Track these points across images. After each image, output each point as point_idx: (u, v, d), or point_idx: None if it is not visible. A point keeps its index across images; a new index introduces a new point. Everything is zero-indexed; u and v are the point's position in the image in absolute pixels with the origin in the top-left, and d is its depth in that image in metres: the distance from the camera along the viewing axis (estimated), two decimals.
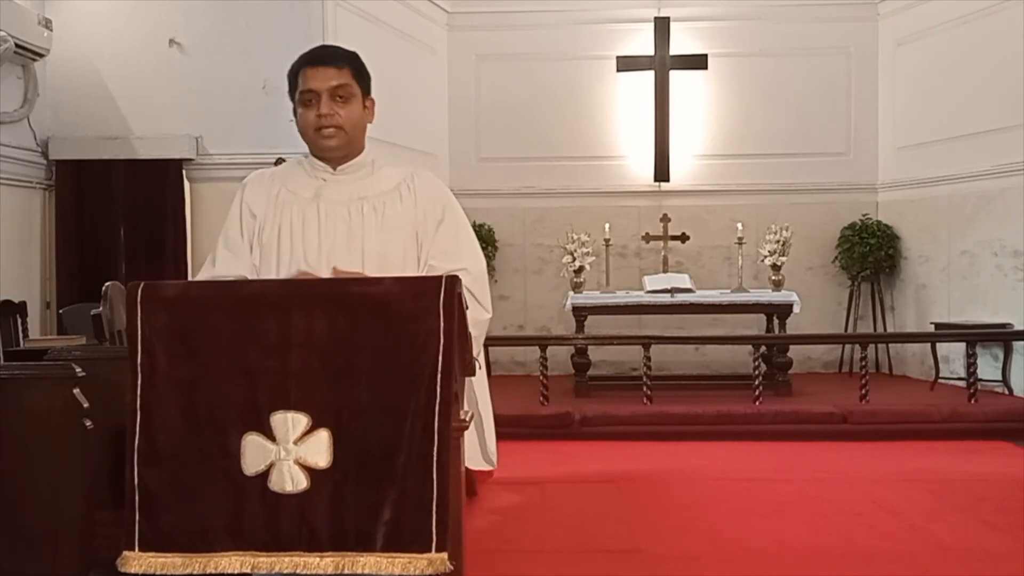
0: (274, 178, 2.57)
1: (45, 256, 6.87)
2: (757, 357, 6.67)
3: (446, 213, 2.57)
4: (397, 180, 2.54)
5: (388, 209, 2.49)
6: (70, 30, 6.81)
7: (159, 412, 2.02)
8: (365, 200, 2.48)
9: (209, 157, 6.91)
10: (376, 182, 2.53)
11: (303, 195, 2.49)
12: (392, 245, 2.46)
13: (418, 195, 2.53)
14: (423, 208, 2.52)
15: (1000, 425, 6.16)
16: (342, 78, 2.45)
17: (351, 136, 2.49)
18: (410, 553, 1.94)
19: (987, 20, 7.44)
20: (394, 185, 2.53)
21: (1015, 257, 7.21)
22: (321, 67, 2.44)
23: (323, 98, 2.43)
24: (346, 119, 2.46)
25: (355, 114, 2.48)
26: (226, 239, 2.54)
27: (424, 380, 1.99)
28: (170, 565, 1.98)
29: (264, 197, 2.52)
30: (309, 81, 2.44)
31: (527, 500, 4.51)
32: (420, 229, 2.51)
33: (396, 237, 2.47)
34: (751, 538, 3.85)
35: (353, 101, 2.47)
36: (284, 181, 2.54)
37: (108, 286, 5.23)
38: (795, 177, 8.62)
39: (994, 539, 3.82)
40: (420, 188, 2.55)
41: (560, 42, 8.75)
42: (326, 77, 2.43)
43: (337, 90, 2.44)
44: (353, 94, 2.47)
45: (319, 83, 2.43)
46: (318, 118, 2.43)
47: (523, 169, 8.76)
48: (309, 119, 2.46)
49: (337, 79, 2.44)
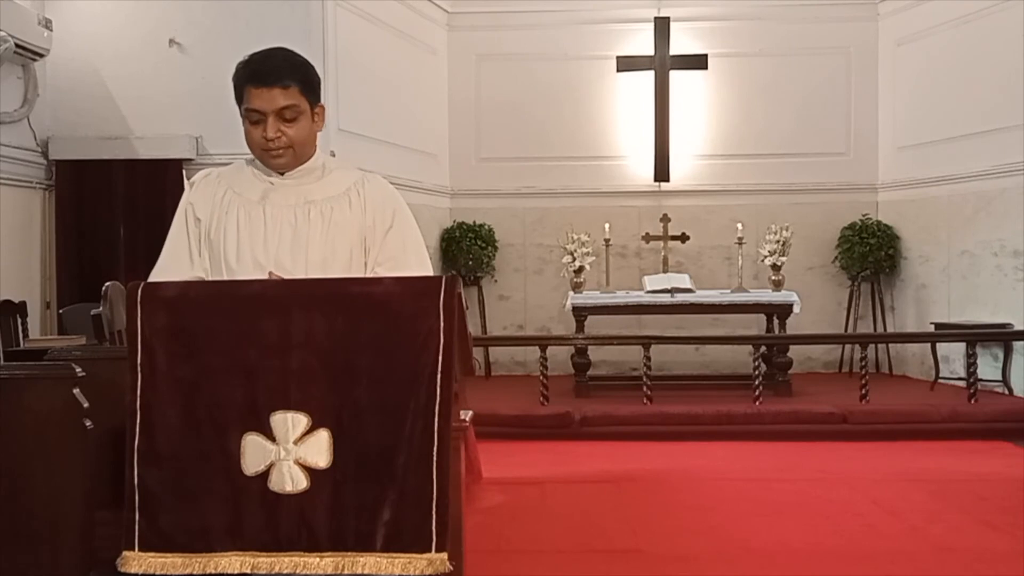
0: (220, 179, 2.50)
1: (45, 256, 6.87)
2: (757, 357, 6.68)
3: (395, 219, 2.50)
4: (347, 185, 2.48)
5: (335, 214, 2.42)
6: (70, 30, 6.80)
7: (159, 412, 2.01)
8: (312, 204, 2.42)
9: (209, 157, 6.90)
10: (324, 186, 2.46)
11: (250, 197, 2.43)
12: (337, 250, 2.40)
13: (367, 200, 2.47)
14: (372, 214, 2.46)
15: (1000, 425, 6.17)
16: (289, 98, 2.33)
17: (299, 153, 2.42)
18: (410, 553, 1.94)
19: (987, 20, 7.44)
20: (343, 190, 2.47)
21: (1015, 257, 7.21)
22: (265, 89, 2.32)
23: (269, 120, 2.34)
24: (294, 137, 2.37)
25: (303, 131, 2.39)
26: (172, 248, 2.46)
27: (424, 380, 1.98)
28: (170, 565, 1.98)
29: (210, 200, 2.46)
30: (254, 100, 2.34)
31: (527, 500, 4.51)
32: (368, 234, 2.45)
33: (341, 242, 2.41)
34: (751, 538, 3.85)
35: (301, 119, 2.37)
36: (231, 183, 2.48)
37: (108, 286, 5.23)
38: (795, 177, 8.62)
39: (994, 539, 3.82)
40: (370, 193, 2.49)
41: (560, 42, 8.76)
42: (271, 99, 2.32)
43: (284, 111, 2.34)
44: (301, 112, 2.37)
45: (265, 104, 2.33)
46: (264, 140, 2.35)
47: (523, 169, 8.76)
48: (255, 138, 2.38)
49: (284, 99, 2.33)
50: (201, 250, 2.44)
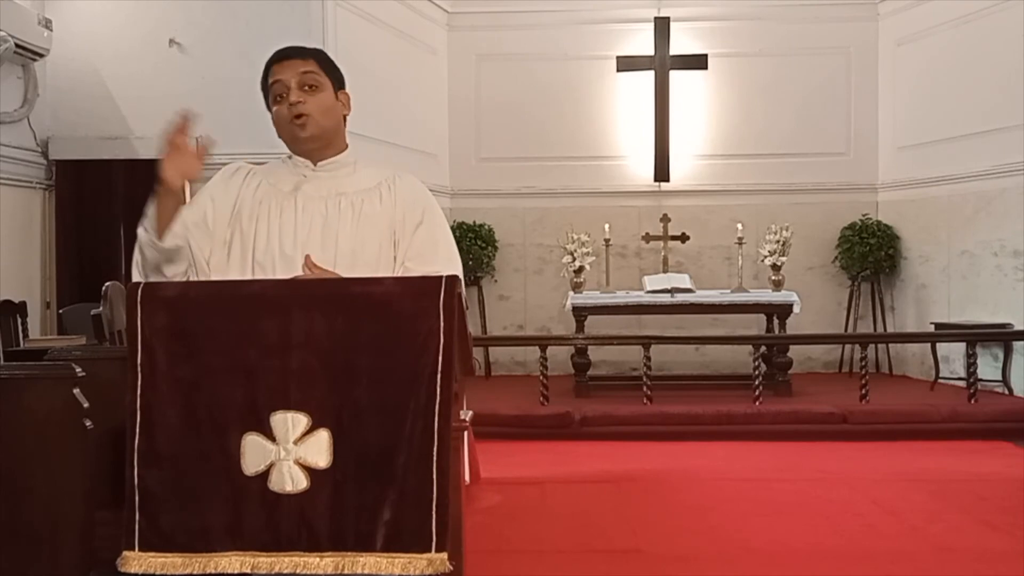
0: (256, 172, 2.61)
1: (45, 256, 6.87)
2: (757, 357, 6.68)
3: (425, 216, 2.54)
4: (378, 179, 2.54)
5: (365, 206, 2.48)
6: (70, 30, 6.80)
7: (159, 412, 2.01)
8: (343, 196, 2.48)
9: (209, 157, 6.90)
10: (357, 180, 2.53)
11: (282, 188, 2.51)
12: (366, 242, 2.44)
13: (398, 196, 2.52)
14: (402, 209, 2.50)
15: (1000, 425, 6.16)
16: (308, 67, 2.48)
17: (323, 125, 2.49)
18: (410, 553, 1.94)
19: (987, 20, 7.44)
20: (374, 184, 2.53)
21: (1015, 257, 7.21)
22: (287, 60, 2.48)
23: (292, 87, 2.45)
24: (315, 106, 2.45)
25: (325, 102, 2.48)
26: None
27: (424, 380, 1.99)
28: (170, 565, 1.98)
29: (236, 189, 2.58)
30: (276, 73, 2.48)
31: (527, 500, 4.51)
32: (398, 229, 2.49)
33: (371, 234, 2.45)
34: (751, 538, 3.85)
35: (322, 90, 2.48)
36: (266, 175, 2.58)
37: (108, 286, 5.23)
38: (795, 177, 8.63)
39: (994, 539, 3.82)
40: (401, 189, 2.54)
41: (560, 42, 8.76)
42: (292, 67, 2.46)
43: (304, 77, 2.46)
44: (320, 83, 2.48)
45: (286, 73, 2.46)
46: (289, 108, 2.45)
47: (523, 169, 8.76)
48: (282, 112, 2.47)
49: (303, 67, 2.47)
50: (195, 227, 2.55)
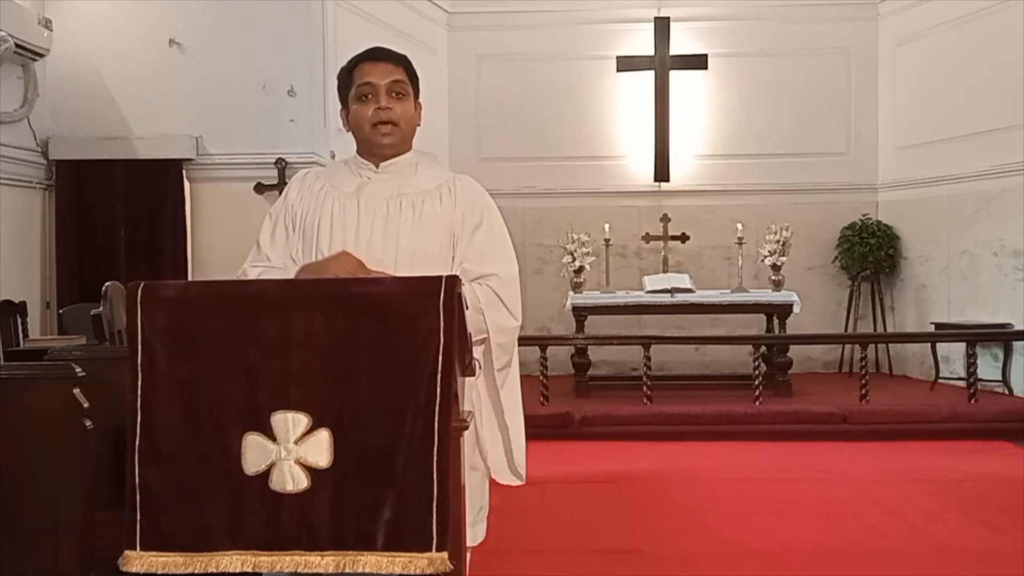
0: (318, 176, 2.63)
1: (45, 256, 6.87)
2: (757, 357, 6.68)
3: (484, 218, 2.62)
4: (439, 182, 2.59)
5: (426, 207, 2.52)
6: (70, 30, 6.80)
7: (159, 412, 2.01)
8: (404, 196, 2.52)
9: (209, 157, 6.91)
10: (418, 182, 2.57)
11: (345, 190, 2.54)
12: (427, 242, 2.49)
13: (458, 198, 2.57)
14: (462, 211, 2.56)
15: (1000, 425, 6.17)
16: (399, 74, 2.50)
17: (405, 134, 2.54)
18: (410, 552, 1.94)
19: (987, 20, 7.44)
20: (435, 186, 2.57)
21: (1015, 257, 7.21)
22: (381, 62, 2.48)
23: (381, 92, 2.46)
24: (401, 115, 2.49)
25: (409, 111, 2.53)
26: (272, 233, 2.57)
27: (424, 380, 1.98)
28: (171, 564, 1.98)
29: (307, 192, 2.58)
30: (367, 75, 2.47)
31: (527, 500, 4.50)
32: (457, 230, 2.55)
33: (431, 235, 2.50)
34: (751, 538, 3.85)
35: (408, 99, 2.51)
36: (329, 178, 2.60)
37: (108, 286, 5.23)
38: (795, 177, 8.63)
39: (994, 539, 3.82)
40: (461, 191, 2.59)
41: (560, 42, 8.76)
42: (385, 71, 2.47)
43: (395, 85, 2.48)
44: (408, 92, 2.51)
45: (378, 77, 2.46)
46: (376, 111, 2.46)
47: (523, 169, 8.76)
48: (366, 113, 2.48)
49: (395, 75, 2.49)
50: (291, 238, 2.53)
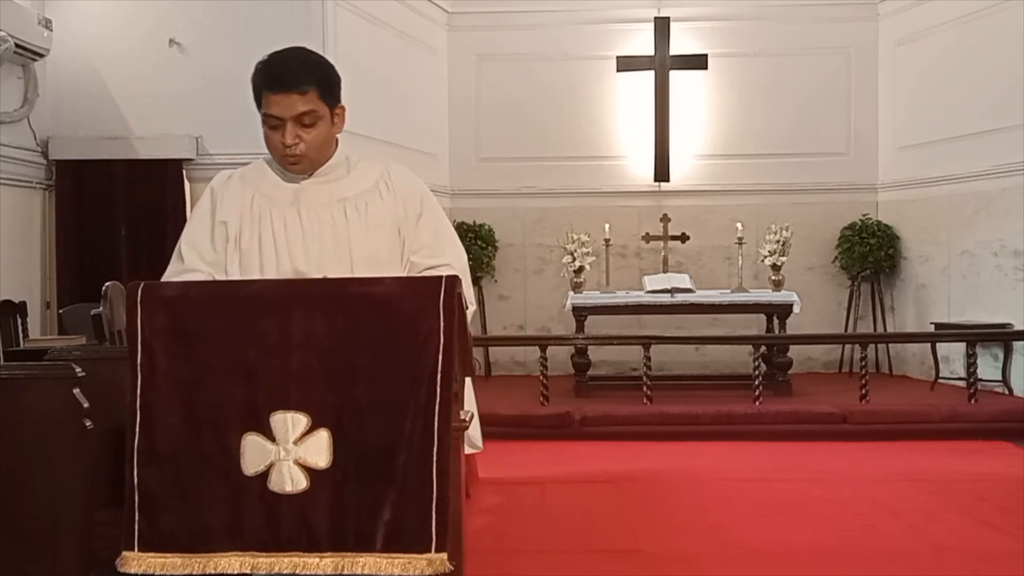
0: (244, 182, 2.47)
1: (45, 256, 6.87)
2: (757, 357, 6.67)
3: (424, 207, 2.54)
4: (375, 177, 2.51)
5: (371, 208, 2.45)
6: (70, 30, 6.80)
7: (159, 412, 2.01)
8: (346, 201, 2.44)
9: (209, 157, 6.91)
10: (354, 181, 2.49)
11: (281, 200, 2.43)
12: (379, 244, 2.44)
13: (397, 190, 2.50)
14: (403, 203, 2.50)
15: (1000, 425, 6.16)
16: (307, 104, 2.32)
17: (316, 158, 2.41)
18: (410, 553, 1.94)
19: (987, 20, 7.44)
20: (372, 183, 2.50)
21: (1015, 257, 7.21)
22: (283, 94, 2.30)
23: (287, 126, 2.33)
24: (311, 144, 2.37)
25: (321, 136, 2.38)
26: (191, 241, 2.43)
27: (424, 380, 1.99)
28: (170, 565, 1.98)
29: (237, 204, 2.43)
30: (272, 107, 2.33)
31: (527, 500, 4.50)
32: (402, 225, 2.49)
33: (381, 236, 2.45)
34: (751, 538, 3.85)
35: (320, 124, 2.37)
36: (257, 186, 2.46)
37: (108, 286, 5.23)
38: (795, 177, 8.62)
39: (994, 539, 3.82)
40: (398, 183, 2.52)
41: (560, 42, 8.75)
42: (290, 105, 2.30)
43: (301, 118, 2.33)
44: (320, 117, 2.36)
45: (283, 111, 2.32)
46: (283, 146, 2.35)
47: (523, 169, 8.76)
48: (274, 142, 2.37)
49: (302, 105, 2.32)
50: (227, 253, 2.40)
